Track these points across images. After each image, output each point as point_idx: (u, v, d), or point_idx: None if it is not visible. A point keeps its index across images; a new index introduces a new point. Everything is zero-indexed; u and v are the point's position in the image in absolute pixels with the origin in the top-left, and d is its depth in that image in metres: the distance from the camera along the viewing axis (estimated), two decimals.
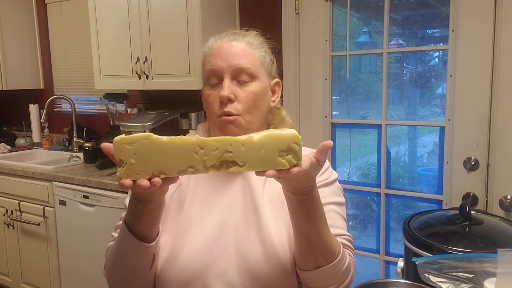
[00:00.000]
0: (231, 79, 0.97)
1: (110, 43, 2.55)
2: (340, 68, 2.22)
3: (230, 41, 1.00)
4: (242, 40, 1.01)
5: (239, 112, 0.96)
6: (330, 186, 1.03)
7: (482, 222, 1.16)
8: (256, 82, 0.99)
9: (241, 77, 0.97)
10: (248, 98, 0.97)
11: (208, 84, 1.00)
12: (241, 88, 0.97)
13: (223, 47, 0.99)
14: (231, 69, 0.97)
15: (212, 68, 0.98)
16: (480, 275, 0.83)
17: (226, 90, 0.95)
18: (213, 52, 1.00)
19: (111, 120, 2.90)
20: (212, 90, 0.99)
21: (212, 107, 0.98)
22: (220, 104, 0.96)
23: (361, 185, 2.35)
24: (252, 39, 1.02)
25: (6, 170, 2.74)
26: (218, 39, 1.03)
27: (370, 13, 2.23)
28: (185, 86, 2.28)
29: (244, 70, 0.97)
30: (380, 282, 0.93)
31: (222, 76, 0.97)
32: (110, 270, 0.93)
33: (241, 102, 0.97)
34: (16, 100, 3.58)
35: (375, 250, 2.20)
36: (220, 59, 0.97)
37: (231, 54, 0.98)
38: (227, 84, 0.96)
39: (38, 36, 3.41)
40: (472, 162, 1.86)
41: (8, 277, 2.91)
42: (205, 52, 1.04)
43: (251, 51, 1.00)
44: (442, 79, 2.04)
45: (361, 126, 2.44)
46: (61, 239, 2.56)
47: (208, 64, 1.00)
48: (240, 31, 1.04)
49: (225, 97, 0.95)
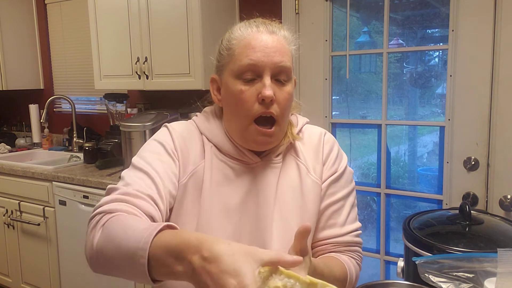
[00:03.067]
0: (271, 77, 0.89)
1: (110, 43, 2.55)
2: (340, 68, 2.22)
3: (269, 33, 0.91)
4: (279, 33, 0.93)
5: (278, 115, 0.91)
6: (341, 178, 1.04)
7: (482, 222, 1.16)
8: (291, 83, 0.94)
9: (280, 76, 0.91)
10: (286, 100, 0.91)
11: (240, 78, 0.90)
12: (279, 89, 0.91)
13: (262, 40, 0.90)
14: (273, 67, 0.89)
15: (251, 63, 0.89)
16: (480, 274, 0.83)
17: (270, 90, 0.88)
18: (250, 43, 0.90)
19: (111, 120, 2.90)
20: (247, 86, 0.90)
21: (247, 105, 0.90)
22: (259, 104, 0.89)
23: (361, 185, 2.34)
24: (287, 33, 0.95)
25: (6, 170, 2.74)
26: (252, 27, 0.92)
27: (370, 13, 2.23)
28: (185, 86, 2.29)
29: (285, 69, 0.91)
30: (380, 283, 0.93)
31: (261, 73, 0.89)
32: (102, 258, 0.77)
33: (280, 104, 0.90)
34: (16, 100, 3.58)
35: (375, 250, 2.20)
36: (262, 54, 0.88)
37: (272, 49, 0.89)
38: (269, 83, 0.89)
39: (38, 36, 3.41)
40: (472, 162, 1.86)
41: (8, 277, 2.91)
42: (233, 39, 0.93)
43: (287, 46, 0.93)
44: (442, 79, 2.04)
45: (361, 126, 2.44)
46: (61, 239, 2.56)
47: (244, 57, 0.89)
48: (273, 22, 0.95)
49: (270, 97, 0.88)
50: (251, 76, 0.89)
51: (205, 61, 2.21)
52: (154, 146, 0.96)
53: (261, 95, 0.88)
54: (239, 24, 0.95)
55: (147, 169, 0.90)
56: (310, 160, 1.02)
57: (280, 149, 0.99)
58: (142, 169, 0.90)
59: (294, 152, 1.02)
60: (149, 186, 0.88)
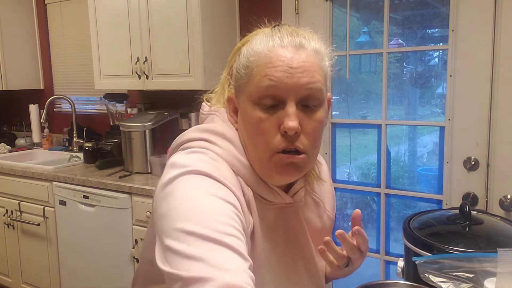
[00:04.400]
0: (296, 103, 0.72)
1: (110, 43, 2.55)
2: (340, 68, 2.22)
3: (296, 48, 0.73)
4: (309, 46, 0.75)
5: (306, 148, 0.74)
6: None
7: (482, 222, 1.16)
8: (323, 108, 0.76)
9: (309, 102, 0.74)
10: (315, 130, 0.75)
11: (259, 104, 0.74)
12: (308, 117, 0.74)
13: (287, 57, 0.72)
14: (300, 90, 0.72)
15: (272, 85, 0.71)
16: (480, 274, 0.83)
17: (295, 120, 0.71)
18: (271, 61, 0.72)
19: (111, 120, 2.90)
20: (267, 115, 0.73)
21: (268, 138, 0.73)
22: (282, 137, 0.73)
23: (361, 185, 2.35)
24: (319, 46, 0.77)
25: (6, 170, 2.74)
26: (275, 39, 0.74)
27: (370, 13, 2.23)
28: (185, 86, 2.29)
29: (315, 93, 0.73)
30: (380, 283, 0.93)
31: (285, 98, 0.72)
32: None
33: (308, 135, 0.74)
34: (16, 100, 3.58)
35: (375, 250, 2.20)
36: (285, 74, 0.71)
37: (300, 69, 0.71)
38: (294, 111, 0.72)
39: (38, 36, 3.41)
40: (472, 162, 1.86)
41: (8, 277, 2.91)
42: (251, 56, 0.75)
43: (319, 63, 0.75)
44: (442, 79, 2.05)
45: (361, 126, 2.44)
46: (61, 239, 2.56)
47: (263, 77, 0.72)
48: (302, 32, 0.77)
49: (294, 130, 0.71)
50: (271, 102, 0.73)
51: (205, 61, 2.21)
52: (219, 205, 0.67)
53: (283, 126, 0.71)
54: (259, 35, 0.77)
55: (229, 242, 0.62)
56: (325, 195, 0.94)
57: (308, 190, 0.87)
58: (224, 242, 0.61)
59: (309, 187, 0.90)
60: (244, 268, 0.61)
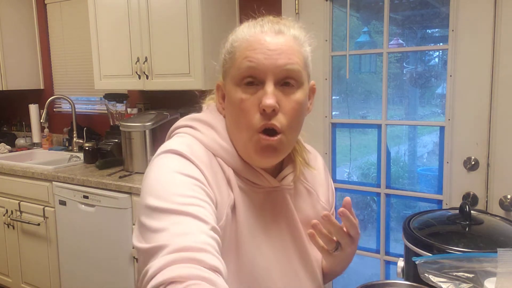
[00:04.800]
0: (275, 84, 0.78)
1: (110, 43, 2.55)
2: (340, 68, 2.22)
3: (275, 33, 0.79)
4: (288, 32, 0.80)
5: (283, 127, 0.78)
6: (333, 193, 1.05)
7: (482, 222, 1.16)
8: (301, 89, 0.81)
9: (286, 82, 0.79)
10: (293, 109, 0.79)
11: (240, 84, 0.79)
12: (286, 96, 0.79)
13: (266, 41, 0.78)
14: (277, 71, 0.77)
15: (252, 66, 0.77)
16: (480, 274, 0.83)
17: (271, 98, 0.76)
18: (251, 44, 0.79)
19: (111, 120, 2.90)
20: (248, 95, 0.78)
21: (249, 117, 0.78)
22: (261, 115, 0.78)
23: (361, 185, 2.35)
24: (299, 33, 0.83)
25: (6, 170, 2.74)
26: (256, 27, 0.81)
27: (370, 13, 2.23)
28: (185, 86, 2.29)
29: (292, 73, 0.78)
30: (380, 283, 0.93)
31: (263, 78, 0.78)
32: None
33: (286, 114, 0.79)
34: (16, 100, 3.58)
35: (375, 250, 2.20)
36: (263, 56, 0.77)
37: (277, 51, 0.77)
38: (271, 90, 0.77)
39: (38, 36, 3.41)
40: (472, 162, 1.86)
41: (8, 277, 2.91)
42: (235, 42, 0.82)
43: (298, 48, 0.80)
44: (442, 79, 2.05)
45: (361, 126, 2.44)
46: (61, 239, 2.56)
47: (244, 60, 0.78)
48: (283, 21, 0.83)
49: (271, 107, 0.76)
50: (252, 82, 0.78)
51: (205, 61, 2.21)
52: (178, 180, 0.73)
53: (261, 104, 0.76)
54: (243, 24, 0.84)
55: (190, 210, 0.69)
56: (318, 185, 0.97)
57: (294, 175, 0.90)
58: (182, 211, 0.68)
59: (303, 176, 0.93)
60: (203, 231, 0.67)
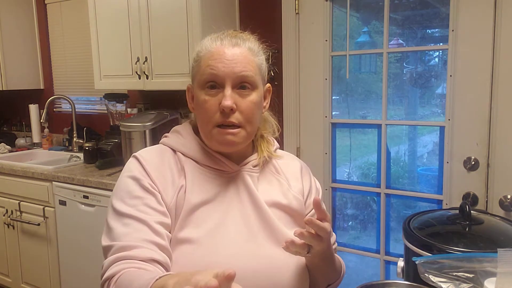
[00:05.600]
0: (232, 87, 0.93)
1: (110, 43, 2.55)
2: (340, 68, 2.22)
3: (232, 46, 0.96)
4: (244, 45, 0.97)
5: (241, 123, 0.94)
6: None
7: (482, 222, 1.16)
8: (256, 92, 0.96)
9: (242, 86, 0.94)
10: (249, 108, 0.95)
11: (204, 88, 0.95)
12: (242, 98, 0.94)
13: (224, 53, 0.94)
14: (234, 77, 0.93)
15: (213, 73, 0.93)
16: (480, 274, 0.83)
17: (229, 100, 0.92)
18: (213, 55, 0.95)
19: (111, 120, 2.90)
20: (210, 97, 0.94)
21: (210, 115, 0.94)
22: (220, 113, 0.93)
23: (361, 185, 2.35)
24: (253, 45, 0.99)
25: (6, 170, 2.74)
26: (217, 41, 0.97)
27: (370, 13, 2.23)
28: (185, 86, 2.27)
29: (247, 79, 0.94)
30: (380, 283, 0.93)
31: (223, 83, 0.93)
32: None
33: (242, 112, 0.94)
34: (16, 100, 3.58)
35: (375, 250, 2.20)
36: (222, 65, 0.93)
37: (234, 61, 0.93)
38: (229, 93, 0.92)
39: (38, 36, 3.41)
40: (472, 162, 1.86)
41: (8, 277, 2.91)
42: (200, 52, 0.99)
43: (252, 58, 0.96)
44: (442, 79, 2.05)
45: (361, 126, 2.44)
46: (61, 239, 2.56)
47: (207, 67, 0.94)
48: (240, 34, 0.99)
49: (228, 107, 0.91)
50: (213, 86, 0.94)
51: None
52: (129, 185, 0.94)
53: (221, 105, 0.92)
54: (207, 37, 1.01)
55: (132, 213, 0.89)
56: (290, 179, 1.07)
57: (257, 161, 1.03)
58: (127, 214, 0.89)
59: (274, 169, 1.07)
60: (141, 230, 0.87)
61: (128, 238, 0.86)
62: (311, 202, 1.06)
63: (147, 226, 0.87)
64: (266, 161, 1.06)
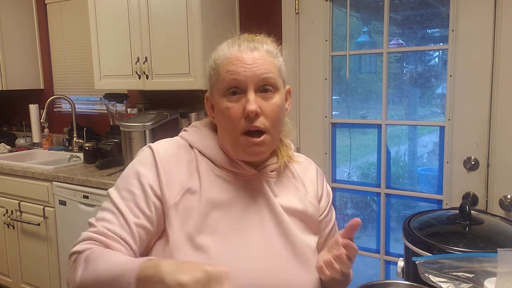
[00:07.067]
0: (255, 91, 0.91)
1: (110, 43, 2.55)
2: (340, 68, 2.22)
3: (251, 50, 0.93)
4: (262, 48, 0.94)
5: (266, 127, 0.91)
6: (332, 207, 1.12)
7: (482, 222, 1.16)
8: (278, 94, 0.94)
9: (265, 88, 0.92)
10: (273, 112, 0.92)
11: (226, 95, 0.92)
12: (266, 101, 0.92)
13: (243, 58, 0.92)
14: (256, 80, 0.90)
15: (234, 78, 0.91)
16: (480, 274, 0.83)
17: (253, 104, 0.89)
18: (232, 61, 0.92)
19: (111, 120, 2.90)
20: (233, 103, 0.91)
21: (234, 122, 0.91)
22: (245, 119, 0.90)
23: (361, 185, 2.35)
24: (271, 47, 0.97)
25: (6, 170, 2.74)
26: (234, 46, 0.95)
27: (370, 13, 2.23)
28: (185, 86, 2.29)
29: (269, 81, 0.92)
30: (380, 283, 0.93)
31: (245, 88, 0.91)
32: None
33: (267, 116, 0.91)
34: (16, 100, 3.58)
35: (375, 250, 2.20)
36: (243, 69, 0.90)
37: (254, 65, 0.91)
38: (253, 97, 0.90)
39: (38, 36, 3.41)
40: (472, 162, 1.86)
41: (8, 277, 2.91)
42: (218, 59, 0.96)
43: (271, 60, 0.94)
44: (442, 79, 2.05)
45: (361, 126, 2.44)
46: (61, 239, 2.56)
47: (227, 74, 0.92)
48: (257, 38, 0.97)
49: (253, 112, 0.89)
50: (235, 92, 0.91)
51: (205, 61, 2.21)
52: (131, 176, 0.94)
53: (245, 110, 0.89)
54: (223, 44, 0.98)
55: (121, 207, 0.91)
56: (307, 184, 1.06)
57: (275, 166, 1.01)
58: (117, 205, 0.91)
59: (290, 174, 1.05)
60: (123, 227, 0.89)
61: (112, 228, 0.89)
62: (321, 206, 1.07)
63: (128, 227, 0.89)
64: (284, 166, 1.04)
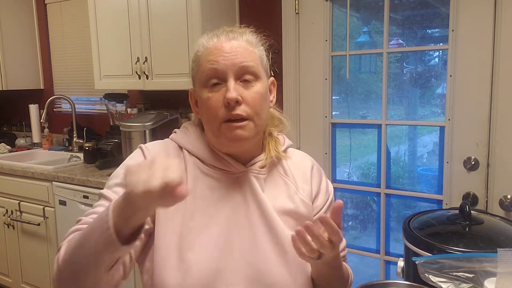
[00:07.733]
0: (235, 80, 0.90)
1: (110, 43, 2.55)
2: (340, 68, 2.22)
3: (229, 39, 0.93)
4: (241, 38, 0.94)
5: (248, 115, 0.90)
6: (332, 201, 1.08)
7: (482, 222, 1.16)
8: (260, 82, 0.93)
9: (245, 77, 0.91)
10: (255, 99, 0.91)
11: (206, 86, 0.92)
12: (247, 89, 0.91)
13: (222, 47, 0.91)
14: (236, 68, 0.90)
15: (213, 67, 0.90)
16: (480, 274, 0.83)
17: (234, 92, 0.88)
18: (211, 51, 0.92)
19: (111, 120, 2.90)
20: (213, 93, 0.90)
21: (215, 111, 0.90)
22: (225, 108, 0.89)
23: (361, 185, 2.35)
24: (250, 37, 0.96)
25: (6, 170, 2.74)
26: (214, 37, 0.94)
27: (370, 13, 2.23)
28: (185, 86, 2.27)
29: (249, 69, 0.91)
30: (380, 283, 0.93)
31: (225, 77, 0.90)
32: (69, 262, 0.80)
33: (249, 104, 0.90)
34: (16, 100, 3.58)
35: (375, 250, 2.20)
36: (222, 58, 0.90)
37: (233, 53, 0.90)
38: (233, 85, 0.89)
39: (38, 36, 3.41)
40: (472, 162, 1.86)
41: (8, 277, 2.91)
42: (198, 51, 0.95)
43: (251, 49, 0.94)
44: (442, 79, 2.05)
45: (361, 126, 2.44)
46: (61, 239, 2.54)
47: (207, 64, 0.91)
48: (235, 29, 0.96)
49: (233, 99, 0.88)
50: (215, 82, 0.90)
51: None
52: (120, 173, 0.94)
53: (225, 98, 0.88)
54: (202, 37, 0.97)
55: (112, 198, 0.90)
56: (299, 181, 1.03)
57: (264, 162, 0.98)
58: (105, 196, 0.92)
59: (282, 170, 1.02)
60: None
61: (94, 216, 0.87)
62: (317, 205, 1.03)
63: None
64: (275, 162, 1.01)
